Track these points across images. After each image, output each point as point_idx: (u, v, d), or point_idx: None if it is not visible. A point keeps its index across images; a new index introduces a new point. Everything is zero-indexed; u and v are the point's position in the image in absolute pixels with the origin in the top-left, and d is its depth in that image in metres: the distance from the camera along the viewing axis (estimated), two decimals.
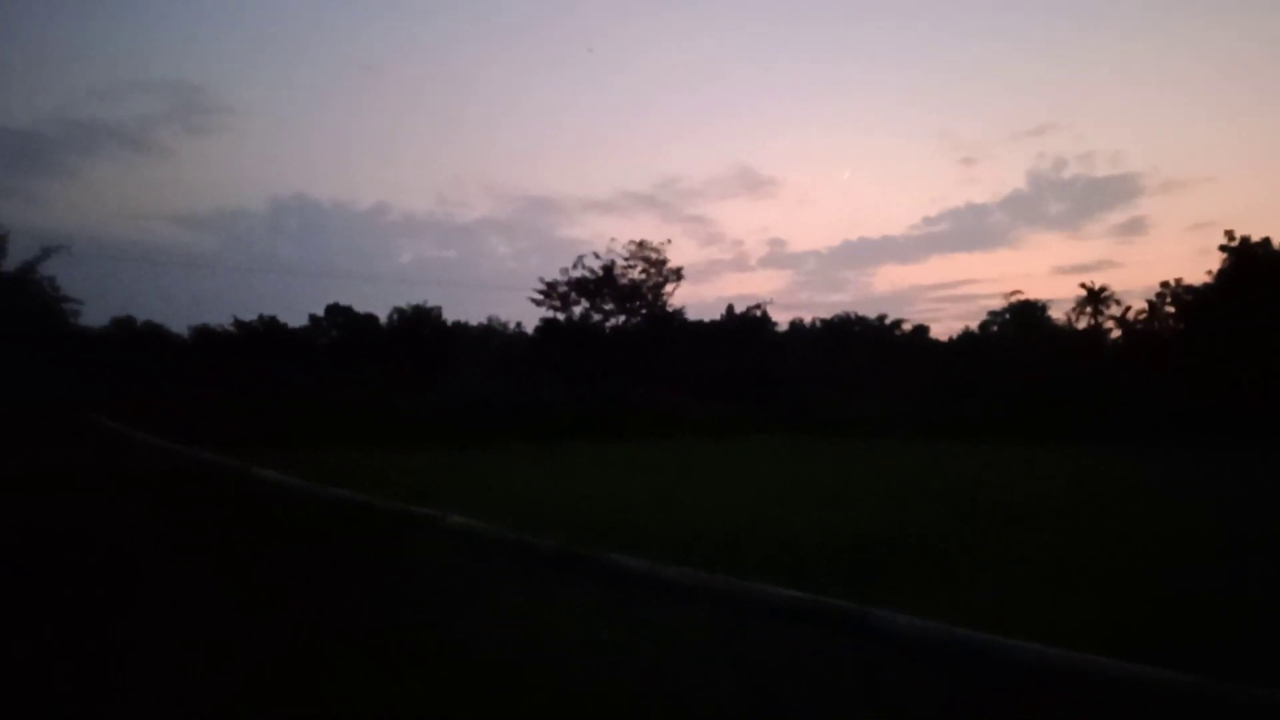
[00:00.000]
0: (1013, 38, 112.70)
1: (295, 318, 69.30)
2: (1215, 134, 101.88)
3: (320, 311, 70.09)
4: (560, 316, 51.26)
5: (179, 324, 70.33)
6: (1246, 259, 40.32)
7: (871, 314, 66.52)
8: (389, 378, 48.07)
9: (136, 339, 61.81)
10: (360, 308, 69.80)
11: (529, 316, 68.06)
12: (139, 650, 5.38)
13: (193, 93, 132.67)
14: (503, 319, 73.46)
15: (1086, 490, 14.11)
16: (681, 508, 11.43)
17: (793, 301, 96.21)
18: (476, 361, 56.08)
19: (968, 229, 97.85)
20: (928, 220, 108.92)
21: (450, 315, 69.24)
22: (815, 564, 7.71)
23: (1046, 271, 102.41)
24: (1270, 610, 6.52)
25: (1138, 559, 8.32)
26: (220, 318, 65.27)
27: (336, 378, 48.47)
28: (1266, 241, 40.51)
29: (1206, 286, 43.49)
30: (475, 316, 78.71)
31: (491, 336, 72.17)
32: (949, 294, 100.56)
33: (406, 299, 74.54)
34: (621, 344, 48.25)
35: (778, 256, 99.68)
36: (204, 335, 63.89)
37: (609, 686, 4.78)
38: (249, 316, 64.55)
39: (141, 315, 66.92)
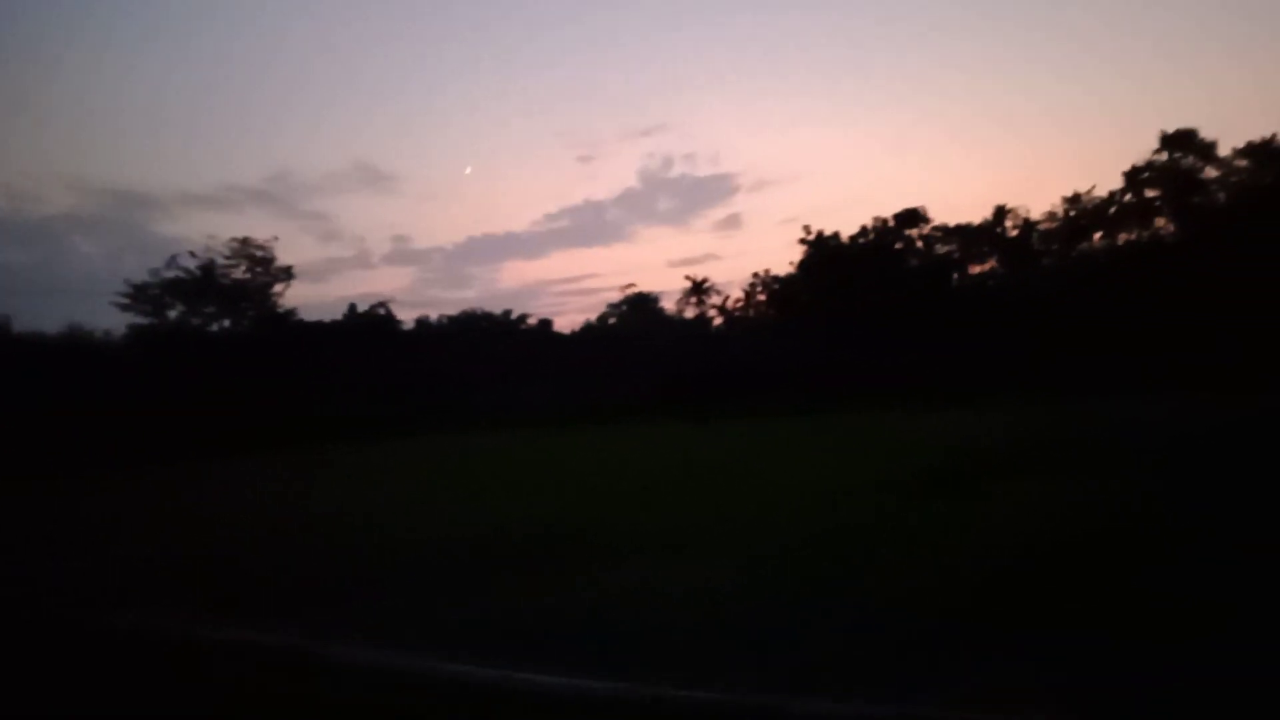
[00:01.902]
0: (626, 37, 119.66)
1: None
2: (802, 135, 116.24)
3: None
4: (152, 321, 44.45)
5: None
6: (820, 250, 47.12)
7: (498, 309, 66.85)
8: None
9: None
10: None
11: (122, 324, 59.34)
12: None
13: None
14: (87, 327, 62.99)
15: (700, 464, 15.35)
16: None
17: (420, 299, 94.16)
18: (55, 377, 47.64)
19: (587, 225, 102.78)
20: (549, 216, 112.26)
21: (23, 325, 57.87)
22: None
23: (660, 264, 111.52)
24: None
25: (770, 519, 9.07)
26: None
27: None
28: (836, 235, 47.66)
29: (790, 276, 50.06)
30: (55, 325, 66.72)
31: (76, 346, 61.75)
32: (572, 288, 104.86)
33: None
34: (234, 350, 43.39)
35: (402, 253, 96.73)
36: None
37: None
38: None
39: None
